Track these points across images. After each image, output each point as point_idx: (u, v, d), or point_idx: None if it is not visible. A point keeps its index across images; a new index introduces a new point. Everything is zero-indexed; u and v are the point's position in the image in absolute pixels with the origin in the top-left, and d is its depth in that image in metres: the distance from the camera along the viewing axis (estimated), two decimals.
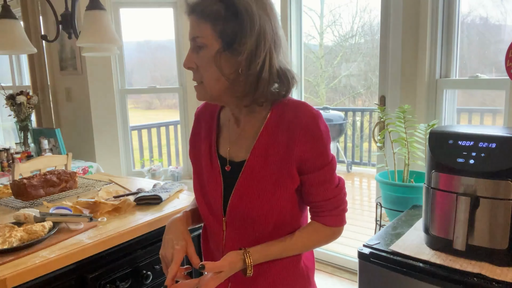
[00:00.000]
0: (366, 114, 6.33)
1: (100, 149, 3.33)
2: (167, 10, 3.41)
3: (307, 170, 0.94)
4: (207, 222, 1.06)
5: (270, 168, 0.93)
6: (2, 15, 1.89)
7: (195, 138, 1.10)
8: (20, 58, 4.40)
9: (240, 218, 0.96)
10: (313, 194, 0.97)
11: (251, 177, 0.94)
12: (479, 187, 1.11)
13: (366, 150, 6.42)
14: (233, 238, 0.99)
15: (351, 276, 2.76)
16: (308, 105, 0.95)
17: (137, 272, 1.33)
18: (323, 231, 1.00)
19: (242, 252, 0.93)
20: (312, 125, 0.91)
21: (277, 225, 0.96)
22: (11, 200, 1.61)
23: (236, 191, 0.96)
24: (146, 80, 5.89)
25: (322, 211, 0.99)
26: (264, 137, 0.95)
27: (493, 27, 2.18)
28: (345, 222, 1.01)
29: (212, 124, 1.06)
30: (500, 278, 1.05)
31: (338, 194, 0.98)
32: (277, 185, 0.93)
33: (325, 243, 1.02)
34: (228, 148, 1.01)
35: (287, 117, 0.94)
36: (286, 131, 0.93)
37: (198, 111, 1.13)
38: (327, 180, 0.96)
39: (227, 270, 0.91)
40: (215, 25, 0.87)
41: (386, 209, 1.81)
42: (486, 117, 3.18)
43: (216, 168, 1.01)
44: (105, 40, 1.79)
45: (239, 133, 1.00)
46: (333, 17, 7.84)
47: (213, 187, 1.00)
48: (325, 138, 0.94)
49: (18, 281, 1.02)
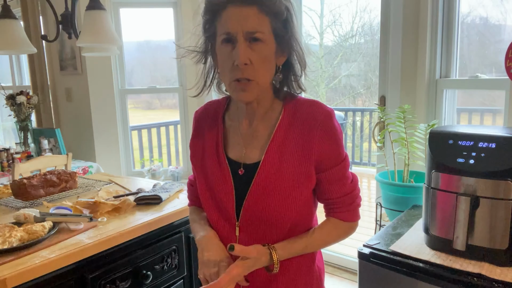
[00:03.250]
0: (366, 114, 6.33)
1: (100, 149, 3.33)
2: (167, 10, 3.41)
3: (325, 167, 0.94)
4: (218, 229, 1.00)
5: (286, 168, 0.92)
6: (2, 15, 1.89)
7: (197, 141, 1.06)
8: (20, 58, 4.40)
9: (255, 222, 0.94)
10: (331, 191, 0.97)
11: (266, 179, 0.93)
12: (479, 187, 1.11)
13: (366, 150, 6.42)
14: (246, 243, 0.96)
15: (351, 276, 2.76)
16: (321, 103, 0.95)
17: (137, 272, 1.33)
18: (342, 227, 1.00)
19: (267, 247, 0.91)
20: (328, 122, 0.92)
21: (292, 227, 0.96)
22: (11, 200, 1.61)
23: (251, 194, 0.94)
24: (146, 80, 5.89)
25: (339, 207, 0.99)
26: (279, 137, 0.94)
27: (493, 27, 2.18)
28: (360, 216, 1.02)
29: (216, 127, 1.03)
30: (500, 278, 1.05)
31: (353, 190, 0.99)
32: (294, 185, 0.92)
33: (343, 238, 1.02)
34: (244, 151, 0.98)
35: (301, 115, 0.94)
36: (301, 129, 0.92)
37: (198, 114, 1.09)
38: (343, 176, 0.97)
39: (253, 259, 0.89)
40: (274, 23, 0.88)
41: (386, 209, 1.81)
42: (486, 117, 3.18)
43: (225, 171, 0.98)
44: (105, 40, 1.79)
45: (251, 133, 0.98)
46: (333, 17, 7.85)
47: (223, 191, 0.97)
48: (340, 135, 0.95)
49: (18, 281, 1.02)
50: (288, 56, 0.94)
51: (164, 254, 1.43)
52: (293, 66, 0.96)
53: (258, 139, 0.97)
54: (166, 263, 1.44)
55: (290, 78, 0.97)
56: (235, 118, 1.02)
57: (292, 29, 0.91)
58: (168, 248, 1.45)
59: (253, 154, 0.97)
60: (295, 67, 0.96)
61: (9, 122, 4.64)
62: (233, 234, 0.98)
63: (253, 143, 0.97)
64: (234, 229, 0.97)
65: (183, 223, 1.50)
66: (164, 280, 1.44)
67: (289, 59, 0.95)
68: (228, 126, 1.03)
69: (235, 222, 0.97)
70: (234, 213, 0.97)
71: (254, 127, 0.98)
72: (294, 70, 0.96)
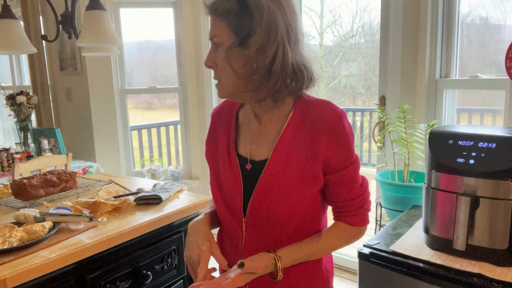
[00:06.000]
0: (366, 114, 6.33)
1: (100, 149, 3.33)
2: (167, 10, 3.41)
3: (332, 169, 0.93)
4: (226, 224, 1.02)
5: (293, 167, 0.92)
6: (2, 15, 1.89)
7: (212, 138, 1.08)
8: (20, 58, 4.40)
9: (261, 219, 0.94)
10: (338, 194, 0.96)
11: (273, 176, 0.93)
12: (479, 187, 1.11)
13: (366, 150, 6.42)
14: (253, 239, 0.97)
15: (351, 276, 2.76)
16: (332, 103, 0.94)
17: (137, 272, 1.33)
18: (349, 231, 0.99)
19: (273, 257, 0.91)
20: (337, 124, 0.91)
21: (298, 226, 0.95)
22: (11, 200, 1.61)
23: (258, 191, 0.94)
24: (146, 80, 5.89)
25: (346, 211, 0.97)
26: (288, 136, 0.94)
27: (493, 27, 2.18)
28: (369, 221, 1.01)
29: (230, 124, 1.04)
30: (500, 278, 1.05)
31: (362, 194, 0.97)
32: (300, 184, 0.92)
33: (350, 243, 1.01)
34: (248, 147, 0.99)
35: (311, 115, 0.93)
36: (311, 130, 0.92)
37: (215, 112, 1.11)
38: (352, 180, 0.95)
39: (260, 273, 0.90)
40: (230, 22, 0.87)
41: (386, 209, 1.82)
42: (486, 117, 3.18)
43: (235, 167, 0.98)
44: (105, 40, 1.79)
45: (261, 131, 0.98)
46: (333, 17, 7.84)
47: (232, 187, 0.98)
48: (350, 137, 0.93)
49: (18, 281, 1.02)
50: (259, 50, 0.85)
51: (164, 254, 1.43)
52: (278, 65, 0.87)
53: (267, 136, 0.97)
54: (166, 263, 1.44)
55: (271, 75, 0.88)
56: (248, 115, 1.03)
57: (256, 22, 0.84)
58: (168, 248, 1.45)
59: (261, 151, 0.97)
60: (274, 62, 0.86)
61: (9, 122, 4.64)
62: (240, 231, 0.98)
63: (262, 140, 0.98)
64: (241, 225, 0.98)
65: (183, 223, 1.50)
66: (164, 280, 1.44)
67: (261, 54, 0.86)
68: (241, 123, 1.04)
69: (242, 218, 0.97)
70: (241, 210, 0.97)
71: (263, 124, 0.98)
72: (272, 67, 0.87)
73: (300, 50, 0.91)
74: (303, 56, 0.91)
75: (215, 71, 0.94)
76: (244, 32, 0.86)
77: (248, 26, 0.85)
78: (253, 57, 0.87)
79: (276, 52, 0.86)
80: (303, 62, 0.91)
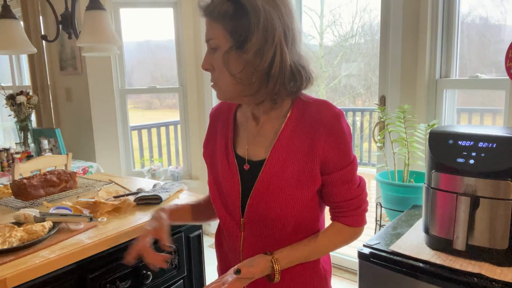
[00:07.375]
0: (366, 114, 6.32)
1: (100, 149, 3.33)
2: (167, 10, 3.41)
3: (330, 170, 0.93)
4: (224, 224, 1.03)
5: (291, 167, 0.92)
6: (2, 15, 1.89)
7: (210, 138, 1.08)
8: (20, 58, 4.40)
9: (259, 219, 0.94)
10: (335, 194, 0.96)
11: (271, 177, 0.93)
12: (479, 187, 1.11)
13: (366, 150, 6.41)
14: (250, 240, 0.97)
15: (351, 276, 2.76)
16: (330, 103, 0.94)
17: (137, 272, 1.33)
18: (346, 232, 0.99)
19: (270, 259, 0.91)
20: (335, 124, 0.90)
21: (296, 227, 0.95)
22: (11, 200, 1.61)
23: (255, 191, 0.94)
24: (146, 80, 5.88)
25: (344, 211, 0.97)
26: (285, 136, 0.94)
27: (493, 27, 2.18)
28: (366, 222, 1.01)
29: (228, 124, 1.04)
30: (500, 278, 1.05)
31: (360, 194, 0.97)
32: (298, 185, 0.92)
33: (347, 244, 1.01)
34: (246, 147, 0.99)
35: (309, 115, 0.93)
36: (308, 130, 0.92)
37: (213, 112, 1.11)
38: (349, 180, 0.95)
39: (257, 276, 0.90)
40: (226, 25, 0.86)
41: (386, 209, 1.82)
42: (486, 117, 3.17)
43: (233, 168, 0.98)
44: (105, 40, 1.79)
45: (258, 131, 0.98)
46: (333, 17, 7.84)
47: (230, 187, 0.98)
48: (348, 137, 0.93)
49: (18, 281, 1.02)
50: (258, 53, 0.85)
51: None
52: (277, 67, 0.86)
53: (265, 137, 0.97)
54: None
55: (270, 78, 0.88)
56: (246, 115, 1.02)
57: (253, 25, 0.83)
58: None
59: (259, 152, 0.97)
60: (273, 65, 0.86)
61: (9, 122, 4.64)
62: (238, 231, 0.99)
63: (259, 141, 0.98)
64: (239, 225, 0.98)
65: None
66: (164, 280, 1.44)
67: (260, 57, 0.85)
68: (239, 123, 1.04)
69: (240, 218, 0.97)
70: (239, 210, 0.97)
71: (261, 124, 0.98)
72: (271, 69, 0.86)
73: (297, 50, 0.90)
74: (301, 56, 0.91)
75: (212, 73, 0.93)
76: (241, 35, 0.85)
77: (244, 29, 0.84)
78: (251, 61, 0.86)
79: (274, 54, 0.85)
80: (301, 62, 0.90)
